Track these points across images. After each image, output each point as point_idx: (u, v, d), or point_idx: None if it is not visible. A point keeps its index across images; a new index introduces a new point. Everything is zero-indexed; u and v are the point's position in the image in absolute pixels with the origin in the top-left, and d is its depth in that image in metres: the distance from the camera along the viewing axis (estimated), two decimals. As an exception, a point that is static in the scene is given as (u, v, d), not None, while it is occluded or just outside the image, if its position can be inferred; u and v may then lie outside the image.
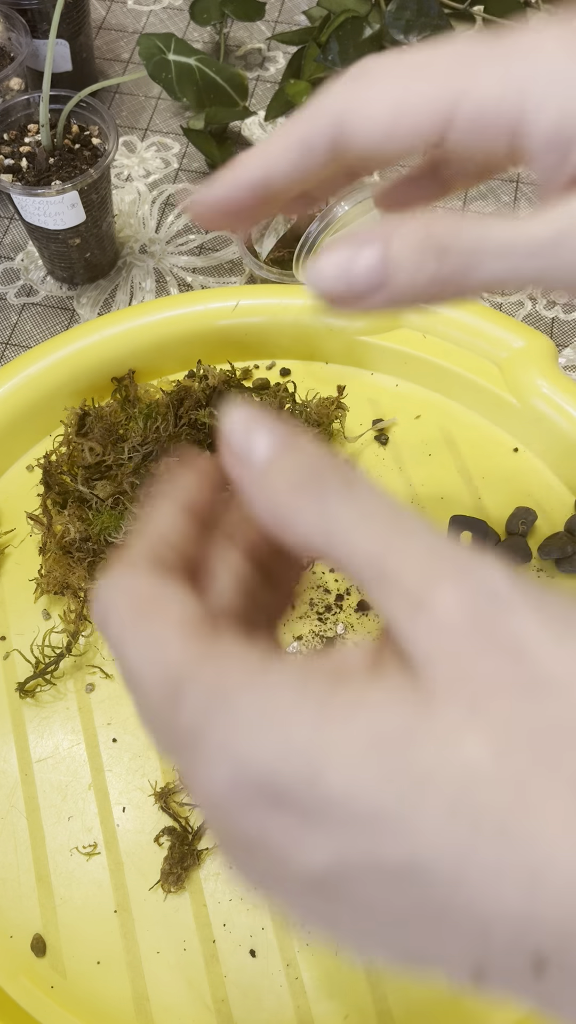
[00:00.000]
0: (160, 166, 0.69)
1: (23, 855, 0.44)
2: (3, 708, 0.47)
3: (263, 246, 0.57)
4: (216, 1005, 0.40)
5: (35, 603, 0.50)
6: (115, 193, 0.67)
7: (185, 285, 0.63)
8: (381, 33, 0.66)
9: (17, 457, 0.54)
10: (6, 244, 0.66)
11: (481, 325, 0.54)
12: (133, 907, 0.42)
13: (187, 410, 0.49)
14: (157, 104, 0.73)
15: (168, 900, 0.43)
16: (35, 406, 0.54)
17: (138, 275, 0.63)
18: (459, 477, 0.53)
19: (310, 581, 0.50)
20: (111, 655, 0.22)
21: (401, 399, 0.56)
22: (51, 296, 0.63)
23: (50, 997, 0.41)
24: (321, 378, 0.57)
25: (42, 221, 0.55)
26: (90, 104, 0.55)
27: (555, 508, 0.52)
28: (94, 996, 0.41)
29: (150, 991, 0.41)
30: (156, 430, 0.48)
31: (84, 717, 0.47)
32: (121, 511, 0.49)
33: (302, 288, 0.56)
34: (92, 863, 0.43)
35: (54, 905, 0.43)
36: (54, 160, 0.54)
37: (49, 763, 0.46)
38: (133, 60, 0.76)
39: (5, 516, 0.53)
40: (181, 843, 0.43)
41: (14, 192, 0.53)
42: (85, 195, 0.54)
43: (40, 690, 0.48)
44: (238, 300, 0.55)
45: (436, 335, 0.55)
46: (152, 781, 0.45)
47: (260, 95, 0.73)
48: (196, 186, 0.67)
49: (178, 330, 0.55)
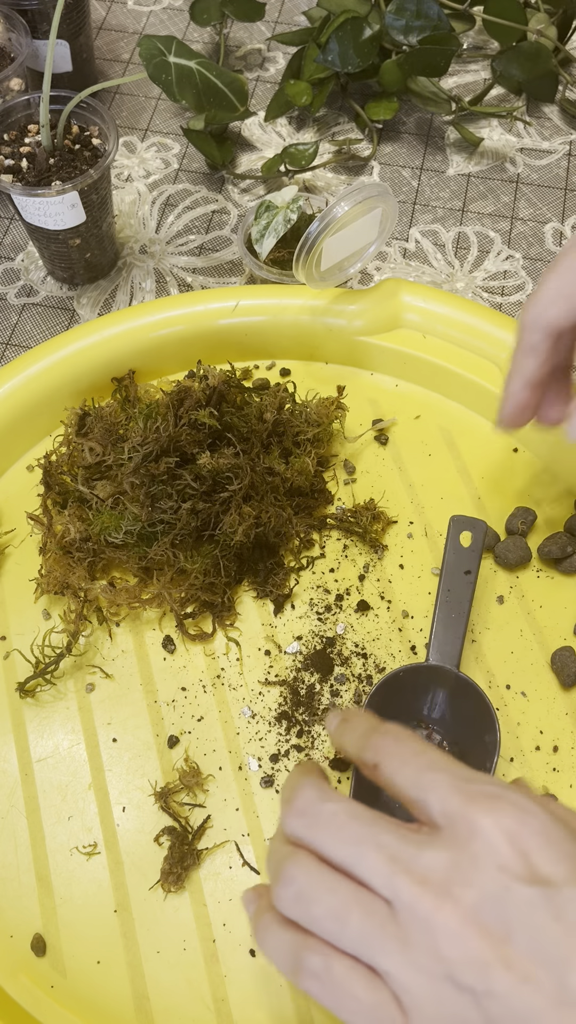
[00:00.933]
0: (160, 166, 0.69)
1: (23, 855, 0.44)
2: (3, 708, 0.47)
3: (263, 246, 0.57)
4: (216, 1005, 0.40)
5: (35, 603, 0.50)
6: (115, 193, 0.67)
7: (185, 285, 0.63)
8: (381, 33, 0.66)
9: (17, 457, 0.54)
10: (6, 244, 0.66)
11: (481, 325, 0.54)
12: (133, 907, 0.42)
13: (187, 410, 0.49)
14: (157, 105, 0.73)
15: (168, 900, 0.43)
16: (35, 406, 0.54)
17: (138, 275, 0.63)
18: (459, 477, 0.53)
19: (310, 581, 0.50)
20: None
21: (401, 399, 0.56)
22: (51, 296, 0.63)
23: (50, 997, 0.41)
24: (321, 378, 0.57)
25: (42, 221, 0.55)
26: (90, 105, 0.55)
27: (555, 508, 0.52)
28: (94, 996, 0.41)
29: (150, 991, 0.41)
30: (156, 430, 0.48)
31: (84, 717, 0.47)
32: (121, 511, 0.49)
33: (302, 288, 0.56)
34: (92, 863, 0.43)
35: (54, 905, 0.43)
36: (54, 160, 0.55)
37: (49, 763, 0.46)
38: (133, 61, 0.76)
39: (5, 516, 0.53)
40: (181, 843, 0.43)
41: (14, 192, 0.53)
42: (85, 195, 0.54)
43: (40, 690, 0.48)
44: (238, 300, 0.55)
45: (436, 335, 0.55)
46: (152, 781, 0.45)
47: (260, 95, 0.73)
48: (196, 187, 0.68)
49: (178, 330, 0.55)
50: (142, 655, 0.48)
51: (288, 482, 0.51)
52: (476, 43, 0.75)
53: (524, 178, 0.68)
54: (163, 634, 0.49)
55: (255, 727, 0.46)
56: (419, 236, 0.65)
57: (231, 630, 0.49)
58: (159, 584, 0.49)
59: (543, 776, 0.44)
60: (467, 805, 0.27)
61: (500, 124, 0.71)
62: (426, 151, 0.69)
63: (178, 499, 0.48)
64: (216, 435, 0.50)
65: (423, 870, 0.27)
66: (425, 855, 0.27)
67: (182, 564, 0.48)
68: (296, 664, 0.48)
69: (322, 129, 0.71)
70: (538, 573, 0.50)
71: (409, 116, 0.71)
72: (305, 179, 0.68)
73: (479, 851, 0.26)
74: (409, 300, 0.55)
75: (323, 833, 0.29)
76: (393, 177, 0.68)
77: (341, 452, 0.54)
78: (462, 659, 0.45)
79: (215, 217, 0.66)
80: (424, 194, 0.67)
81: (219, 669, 0.48)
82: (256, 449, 0.50)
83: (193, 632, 0.49)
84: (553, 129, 0.70)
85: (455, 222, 0.66)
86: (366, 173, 0.69)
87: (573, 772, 0.45)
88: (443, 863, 0.27)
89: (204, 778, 0.45)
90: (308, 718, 0.46)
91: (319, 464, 0.53)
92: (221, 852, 0.43)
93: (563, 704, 0.46)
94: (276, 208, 0.57)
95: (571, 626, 0.48)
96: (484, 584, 0.49)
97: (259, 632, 0.49)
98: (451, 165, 0.69)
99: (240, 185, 0.68)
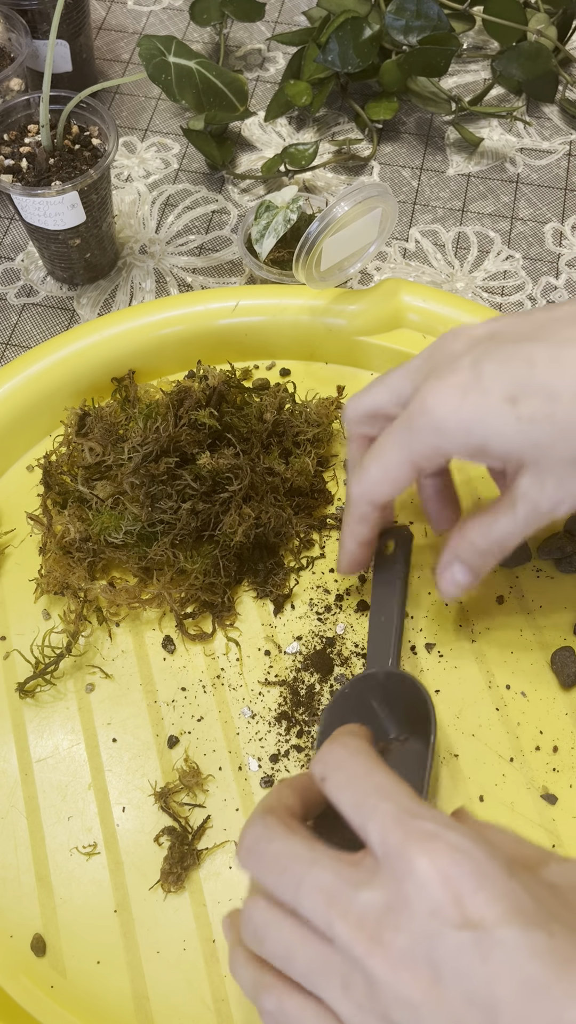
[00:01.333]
0: (160, 166, 0.69)
1: (23, 855, 0.44)
2: (3, 708, 0.47)
3: (263, 246, 0.57)
4: (216, 1005, 0.40)
5: (35, 603, 0.50)
6: (115, 193, 0.67)
7: (185, 285, 0.63)
8: (381, 33, 0.66)
9: (17, 457, 0.54)
10: (6, 244, 0.66)
11: (481, 325, 0.54)
12: (133, 907, 0.42)
13: (187, 410, 0.49)
14: (157, 105, 0.73)
15: (168, 900, 0.43)
16: (35, 406, 0.54)
17: (138, 275, 0.63)
18: (458, 477, 0.53)
19: (310, 581, 0.50)
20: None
21: (401, 399, 0.56)
22: (51, 296, 0.63)
23: (50, 997, 0.41)
24: (321, 378, 0.57)
25: (42, 221, 0.55)
26: (90, 105, 0.55)
27: (555, 508, 0.52)
28: (94, 996, 0.41)
29: (150, 991, 0.41)
30: (156, 430, 0.48)
31: (84, 717, 0.47)
32: (121, 511, 0.49)
33: (302, 288, 0.56)
34: (92, 863, 0.43)
35: (54, 905, 0.43)
36: (54, 160, 0.55)
37: (49, 763, 0.46)
38: (133, 61, 0.76)
39: (5, 516, 0.53)
40: (181, 843, 0.43)
41: (14, 193, 0.53)
42: (85, 195, 0.54)
43: (40, 690, 0.48)
44: (238, 300, 0.55)
45: (436, 335, 0.55)
46: (152, 781, 0.45)
47: (260, 95, 0.73)
48: (196, 187, 0.68)
49: (178, 330, 0.55)
50: (142, 655, 0.48)
51: (288, 482, 0.51)
52: (476, 43, 0.75)
53: (524, 178, 0.68)
54: (163, 634, 0.49)
55: (255, 727, 0.46)
56: (419, 236, 0.65)
57: (231, 630, 0.49)
58: (159, 584, 0.49)
59: (543, 776, 0.44)
60: (405, 842, 0.28)
61: (500, 124, 0.71)
62: (426, 151, 0.69)
63: (178, 499, 0.48)
64: (216, 435, 0.50)
65: (359, 911, 0.28)
66: (361, 896, 0.28)
67: (182, 564, 0.48)
68: (296, 664, 0.48)
69: (322, 129, 0.71)
70: (538, 573, 0.50)
71: (409, 116, 0.71)
72: (305, 179, 0.68)
73: (413, 894, 0.27)
74: (409, 300, 0.55)
75: (268, 875, 0.31)
76: (393, 177, 0.68)
77: (341, 452, 0.54)
78: (464, 655, 0.45)
79: (215, 217, 0.66)
80: (424, 194, 0.67)
81: (219, 669, 0.48)
82: (256, 449, 0.50)
83: (193, 632, 0.49)
84: (553, 129, 0.70)
85: (455, 222, 0.66)
86: (366, 173, 0.69)
87: (573, 772, 0.45)
88: (378, 905, 0.28)
89: (204, 778, 0.45)
90: (308, 718, 0.46)
91: (319, 464, 0.53)
92: (221, 852, 0.43)
93: (563, 704, 0.46)
94: (276, 208, 0.57)
95: (571, 626, 0.48)
96: (484, 584, 0.49)
97: (259, 632, 0.49)
98: (451, 165, 0.69)
99: (240, 185, 0.68)
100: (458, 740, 0.45)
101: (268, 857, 0.31)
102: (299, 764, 0.45)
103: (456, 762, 0.45)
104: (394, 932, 0.27)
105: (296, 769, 0.45)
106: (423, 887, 0.27)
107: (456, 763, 0.45)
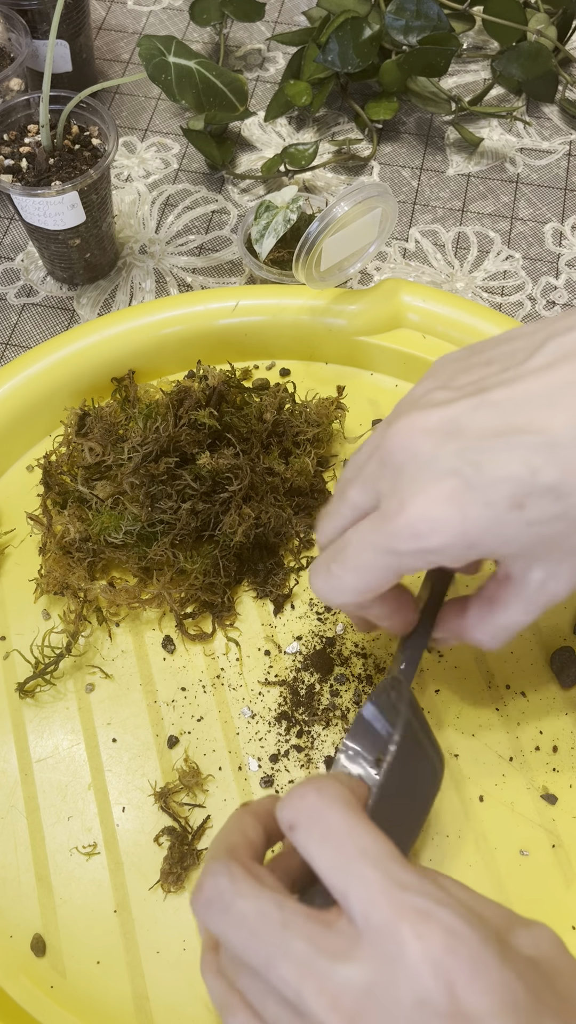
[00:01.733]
0: (160, 166, 0.69)
1: (23, 855, 0.44)
2: (3, 708, 0.47)
3: (263, 246, 0.57)
4: (216, 1005, 0.40)
5: (35, 603, 0.50)
6: (115, 193, 0.67)
7: (185, 285, 0.63)
8: (381, 33, 0.66)
9: (17, 457, 0.54)
10: (6, 244, 0.66)
11: (481, 325, 0.54)
12: (133, 907, 0.42)
13: (187, 410, 0.49)
14: (157, 105, 0.73)
15: (168, 900, 0.43)
16: (35, 406, 0.54)
17: (138, 275, 0.63)
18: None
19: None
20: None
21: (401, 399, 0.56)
22: (51, 296, 0.63)
23: (50, 997, 0.41)
24: (321, 378, 0.57)
25: (42, 221, 0.55)
26: (90, 105, 0.55)
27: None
28: (94, 996, 0.41)
29: (150, 991, 0.41)
30: (156, 430, 0.48)
31: (84, 717, 0.47)
32: (121, 511, 0.49)
33: (302, 288, 0.56)
34: (92, 863, 0.43)
35: (54, 905, 0.43)
36: (54, 160, 0.55)
37: (49, 763, 0.46)
38: (133, 61, 0.76)
39: (5, 516, 0.53)
40: (181, 843, 0.43)
41: (14, 193, 0.53)
42: (85, 195, 0.54)
43: (40, 690, 0.48)
44: (238, 300, 0.55)
45: (436, 335, 0.55)
46: (152, 781, 0.45)
47: (260, 95, 0.73)
48: (196, 187, 0.68)
49: (178, 330, 0.55)
50: (142, 655, 0.48)
51: (288, 482, 0.51)
52: (476, 43, 0.75)
53: (524, 178, 0.68)
54: (163, 634, 0.49)
55: (255, 727, 0.46)
56: (419, 236, 0.65)
57: (231, 630, 0.49)
58: (159, 584, 0.49)
59: (543, 776, 0.44)
60: (395, 921, 0.26)
61: (500, 124, 0.71)
62: (426, 151, 0.69)
63: (178, 499, 0.48)
64: (216, 435, 0.50)
65: (335, 988, 0.25)
66: (340, 972, 0.25)
67: (182, 564, 0.48)
68: (296, 664, 0.48)
69: (322, 129, 0.71)
70: (538, 573, 0.50)
71: (409, 116, 0.71)
72: (305, 179, 0.68)
73: (400, 980, 0.25)
74: (409, 300, 0.55)
75: (233, 937, 0.28)
76: (393, 177, 0.68)
77: (341, 452, 0.54)
78: (464, 655, 0.44)
79: (215, 217, 0.66)
80: (424, 194, 0.67)
81: (219, 669, 0.48)
82: (256, 449, 0.50)
83: (193, 632, 0.49)
84: (553, 129, 0.70)
85: (455, 222, 0.66)
86: (366, 173, 0.69)
87: (573, 772, 0.45)
88: (358, 984, 0.25)
89: (204, 778, 0.45)
90: (308, 718, 0.46)
91: (319, 464, 0.53)
92: (221, 852, 0.43)
93: (563, 704, 0.46)
94: (276, 208, 0.57)
95: (571, 626, 0.48)
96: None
97: (259, 632, 0.49)
98: (451, 165, 0.69)
99: (240, 185, 0.68)
100: (458, 740, 0.45)
101: (233, 917, 0.28)
102: (299, 764, 0.45)
103: (456, 762, 0.45)
104: (373, 1018, 0.25)
105: (296, 769, 0.45)
106: (413, 974, 0.25)
107: (456, 763, 0.45)
